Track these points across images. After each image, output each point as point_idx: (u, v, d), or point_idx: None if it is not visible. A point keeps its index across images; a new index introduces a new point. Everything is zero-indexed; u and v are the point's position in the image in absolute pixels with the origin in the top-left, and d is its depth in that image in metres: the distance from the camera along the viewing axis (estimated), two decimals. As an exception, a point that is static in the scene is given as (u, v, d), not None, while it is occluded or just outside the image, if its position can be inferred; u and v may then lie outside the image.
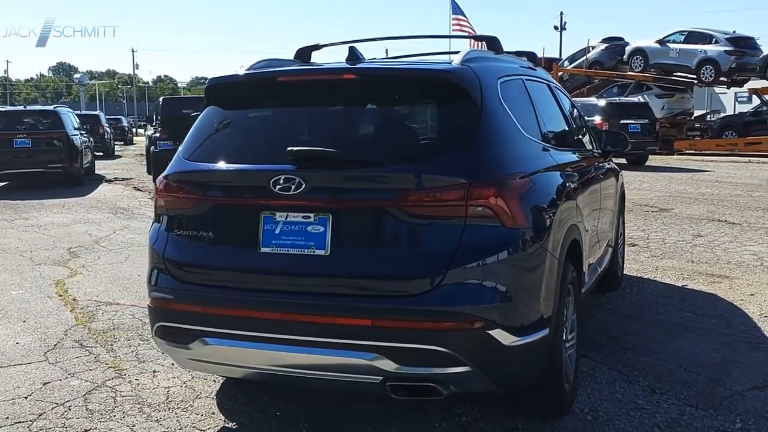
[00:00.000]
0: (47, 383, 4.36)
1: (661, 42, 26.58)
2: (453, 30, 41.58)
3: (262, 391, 4.11)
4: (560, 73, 28.77)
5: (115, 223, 10.96)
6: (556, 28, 57.99)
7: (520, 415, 3.70)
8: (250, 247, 3.27)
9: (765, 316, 5.46)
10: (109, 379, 4.41)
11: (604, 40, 29.65)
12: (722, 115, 33.20)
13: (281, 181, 3.14)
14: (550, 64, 27.53)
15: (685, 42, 25.82)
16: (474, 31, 40.54)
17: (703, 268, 7.15)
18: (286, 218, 3.20)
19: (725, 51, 24.48)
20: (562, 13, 57.99)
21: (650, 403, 3.87)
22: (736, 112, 32.26)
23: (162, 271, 3.49)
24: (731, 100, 39.56)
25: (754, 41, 25.13)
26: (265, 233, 3.23)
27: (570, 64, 31.50)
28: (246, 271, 3.30)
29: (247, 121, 3.67)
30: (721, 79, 25.35)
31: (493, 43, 4.16)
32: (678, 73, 26.89)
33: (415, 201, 3.03)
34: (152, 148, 17.68)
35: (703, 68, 25.12)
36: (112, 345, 5.08)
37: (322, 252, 3.13)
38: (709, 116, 31.82)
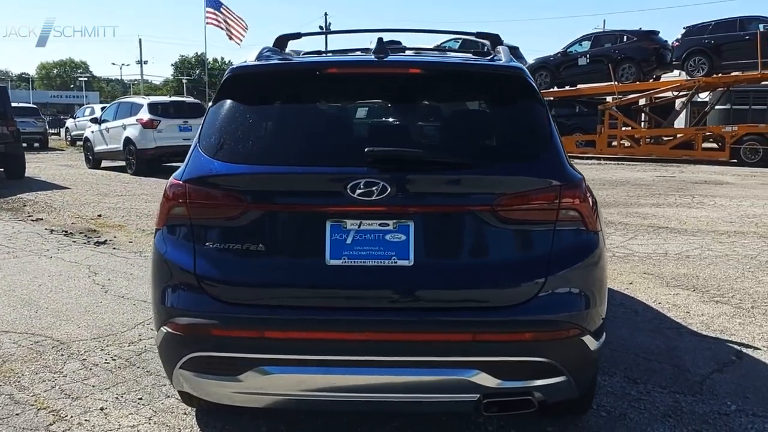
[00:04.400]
0: (-28, 438, 3.50)
1: (440, 48, 28.08)
2: (207, 22, 40.37)
3: (251, 419, 3.64)
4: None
5: None
6: (321, 28, 59.01)
7: (544, 418, 3.66)
8: (313, 259, 2.85)
9: (658, 303, 5.98)
10: (51, 424, 3.65)
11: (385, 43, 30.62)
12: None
13: (361, 186, 2.78)
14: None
15: (460, 49, 27.55)
16: (243, 23, 39.67)
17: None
18: (359, 226, 2.84)
19: (493, 59, 26.50)
20: (326, 14, 59.33)
21: (643, 394, 4.04)
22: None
23: (192, 290, 2.92)
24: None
25: (520, 50, 27.51)
26: (333, 243, 2.84)
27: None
28: (311, 286, 2.88)
29: (288, 117, 3.18)
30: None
31: (497, 42, 4.04)
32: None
33: (509, 205, 2.84)
34: None
35: (477, 74, 26.94)
36: (19, 381, 4.21)
37: (405, 263, 2.83)
38: None
